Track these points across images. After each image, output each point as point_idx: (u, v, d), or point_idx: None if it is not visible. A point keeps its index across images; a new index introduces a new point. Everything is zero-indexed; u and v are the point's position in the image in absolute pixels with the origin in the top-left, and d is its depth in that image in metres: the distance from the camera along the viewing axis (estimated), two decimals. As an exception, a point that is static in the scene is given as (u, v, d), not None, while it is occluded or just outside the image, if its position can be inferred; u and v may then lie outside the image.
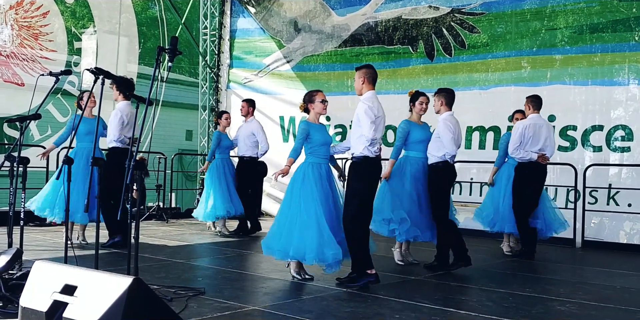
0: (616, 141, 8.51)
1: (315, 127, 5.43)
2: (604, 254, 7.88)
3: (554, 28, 9.08)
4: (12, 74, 10.92)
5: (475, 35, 9.77)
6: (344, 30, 11.23)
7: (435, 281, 5.61)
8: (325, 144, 5.42)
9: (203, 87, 13.06)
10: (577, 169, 8.43)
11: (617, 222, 8.44)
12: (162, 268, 5.85)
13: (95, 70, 4.63)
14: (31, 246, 6.70)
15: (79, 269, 3.20)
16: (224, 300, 4.44)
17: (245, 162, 8.55)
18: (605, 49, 8.65)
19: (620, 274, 6.39)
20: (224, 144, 8.58)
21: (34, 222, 8.88)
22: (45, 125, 11.56)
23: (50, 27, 11.64)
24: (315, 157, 5.38)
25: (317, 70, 11.57)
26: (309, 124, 5.41)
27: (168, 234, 8.37)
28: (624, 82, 8.50)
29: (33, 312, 3.02)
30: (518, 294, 5.04)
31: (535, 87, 8.88)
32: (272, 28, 12.19)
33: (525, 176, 7.02)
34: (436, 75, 10.14)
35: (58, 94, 11.63)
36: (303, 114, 5.64)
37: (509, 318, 4.14)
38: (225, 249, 7.35)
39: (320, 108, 5.44)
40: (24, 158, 4.80)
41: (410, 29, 10.43)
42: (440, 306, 4.48)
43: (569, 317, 4.30)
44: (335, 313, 4.25)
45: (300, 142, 5.40)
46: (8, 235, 4.88)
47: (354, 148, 5.25)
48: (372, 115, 5.10)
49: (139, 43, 13.42)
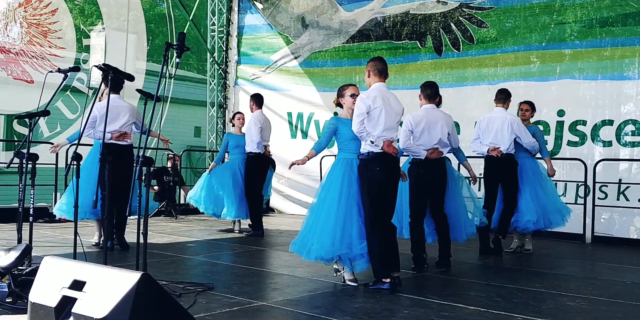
0: (626, 136, 8.45)
1: (345, 121, 5.14)
2: (614, 249, 7.83)
3: (563, 22, 9.01)
4: (21, 71, 10.97)
5: (483, 30, 9.72)
6: (351, 26, 11.20)
7: (444, 277, 5.59)
8: (354, 138, 5.07)
9: (211, 83, 13.06)
10: (587, 164, 8.38)
11: (627, 218, 8.38)
12: (170, 264, 5.86)
13: (104, 67, 4.65)
14: (40, 242, 6.72)
15: (87, 264, 3.20)
16: (233, 296, 4.45)
17: (251, 158, 8.31)
18: (615, 43, 8.58)
19: (630, 269, 6.35)
20: (232, 144, 8.48)
21: (43, 218, 8.94)
22: (54, 122, 11.62)
23: (59, 25, 11.67)
24: (346, 152, 5.12)
25: (325, 66, 11.54)
26: (337, 119, 5.20)
27: (177, 230, 8.39)
28: (634, 77, 8.43)
29: (42, 307, 3.03)
30: (527, 290, 5.01)
31: (545, 82, 8.83)
32: (280, 24, 12.18)
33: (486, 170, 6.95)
34: (444, 70, 10.09)
35: (67, 91, 11.68)
36: (311, 109, 5.58)
37: (518, 314, 4.12)
38: (234, 245, 7.36)
39: (350, 102, 5.14)
40: (33, 154, 4.82)
41: (418, 24, 10.38)
42: (449, 302, 4.47)
43: (578, 312, 4.28)
44: (344, 308, 4.25)
45: (326, 137, 5.22)
46: (17, 231, 4.91)
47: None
48: (363, 106, 4.85)
49: (147, 40, 13.45)
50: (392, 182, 4.97)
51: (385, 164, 4.90)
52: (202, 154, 13.58)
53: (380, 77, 5.04)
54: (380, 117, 4.88)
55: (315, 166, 10.33)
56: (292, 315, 4.04)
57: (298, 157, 5.26)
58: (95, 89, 8.42)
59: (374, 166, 4.88)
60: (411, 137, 5.78)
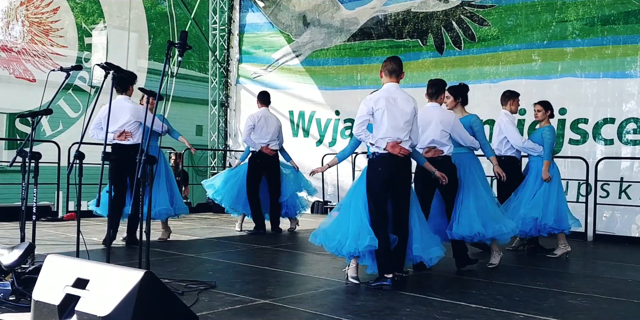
0: (628, 134, 8.45)
1: None
2: (615, 247, 7.83)
3: (565, 20, 9.01)
4: (23, 70, 10.98)
5: (485, 28, 9.72)
6: (353, 24, 11.20)
7: (446, 275, 5.60)
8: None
9: (213, 82, 13.07)
10: (588, 163, 8.39)
11: (629, 216, 8.39)
12: (173, 262, 5.88)
13: (106, 66, 4.65)
14: (43, 241, 6.74)
15: (90, 262, 3.21)
16: (235, 294, 4.46)
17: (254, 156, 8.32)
18: (617, 41, 8.58)
19: (632, 267, 6.35)
20: None
21: (46, 217, 8.96)
22: (56, 120, 11.62)
23: (61, 23, 11.67)
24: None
25: (326, 65, 11.55)
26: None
27: (179, 229, 8.40)
28: (636, 75, 8.43)
29: (45, 305, 3.04)
30: (529, 288, 5.02)
31: (546, 80, 8.84)
32: (281, 22, 12.18)
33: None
34: (446, 68, 10.09)
35: (69, 89, 11.68)
36: (313, 108, 5.58)
37: (519, 312, 4.13)
38: (236, 244, 7.37)
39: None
40: (35, 153, 4.82)
41: (419, 22, 10.38)
42: (451, 300, 4.48)
43: (580, 310, 4.29)
44: (346, 307, 4.26)
45: (351, 146, 5.29)
46: (20, 230, 4.92)
47: None
48: (364, 109, 4.88)
49: (148, 38, 13.44)
50: (397, 182, 4.95)
51: (389, 164, 4.90)
52: (204, 152, 13.58)
53: (392, 77, 5.02)
54: (382, 118, 4.88)
55: (317, 164, 10.33)
56: (294, 313, 4.05)
57: (300, 155, 5.25)
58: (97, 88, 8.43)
59: (377, 167, 4.91)
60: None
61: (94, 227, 7.99)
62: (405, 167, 5.04)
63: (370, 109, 4.89)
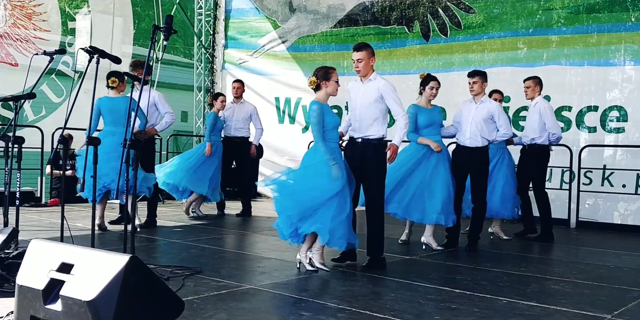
0: (611, 122, 8.52)
1: (327, 108, 4.97)
2: (598, 234, 7.93)
3: (550, 8, 9.03)
4: (5, 55, 10.83)
5: (471, 15, 9.72)
6: (339, 11, 11.15)
7: (431, 261, 5.64)
8: (336, 127, 4.98)
9: (198, 67, 12.99)
10: (572, 150, 8.45)
11: (611, 203, 8.48)
12: (158, 248, 5.87)
13: (90, 50, 4.60)
14: (27, 226, 6.69)
15: (75, 247, 3.19)
16: (221, 279, 4.47)
17: (238, 143, 8.60)
18: (602, 30, 8.61)
19: (613, 253, 6.43)
20: (219, 126, 8.52)
21: (29, 202, 8.89)
22: (39, 106, 11.48)
23: (44, 7, 11.51)
24: (330, 142, 4.92)
25: (313, 51, 11.50)
26: (322, 106, 4.94)
27: (164, 215, 8.37)
28: (620, 63, 8.49)
29: (30, 290, 3.02)
30: (512, 273, 5.08)
31: (531, 68, 8.85)
32: (267, 8, 12.10)
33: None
34: (432, 55, 10.10)
35: (52, 74, 11.54)
36: (299, 94, 5.53)
37: (503, 297, 4.18)
38: (221, 229, 7.37)
39: (334, 88, 5.01)
40: (18, 138, 4.78)
41: (406, 9, 10.36)
42: (435, 285, 4.52)
43: (563, 295, 4.34)
44: (332, 292, 4.28)
45: (320, 128, 4.86)
46: (4, 215, 4.89)
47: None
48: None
49: (133, 23, 13.29)
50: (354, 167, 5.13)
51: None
52: (189, 138, 13.52)
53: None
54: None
55: (303, 151, 10.31)
56: (280, 298, 4.07)
57: (286, 142, 5.25)
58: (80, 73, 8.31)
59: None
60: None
61: (79, 213, 7.96)
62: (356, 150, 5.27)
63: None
